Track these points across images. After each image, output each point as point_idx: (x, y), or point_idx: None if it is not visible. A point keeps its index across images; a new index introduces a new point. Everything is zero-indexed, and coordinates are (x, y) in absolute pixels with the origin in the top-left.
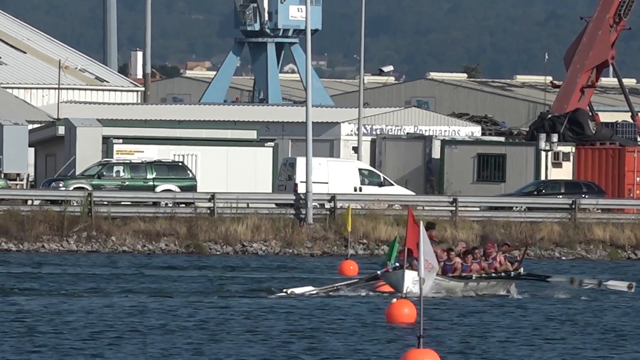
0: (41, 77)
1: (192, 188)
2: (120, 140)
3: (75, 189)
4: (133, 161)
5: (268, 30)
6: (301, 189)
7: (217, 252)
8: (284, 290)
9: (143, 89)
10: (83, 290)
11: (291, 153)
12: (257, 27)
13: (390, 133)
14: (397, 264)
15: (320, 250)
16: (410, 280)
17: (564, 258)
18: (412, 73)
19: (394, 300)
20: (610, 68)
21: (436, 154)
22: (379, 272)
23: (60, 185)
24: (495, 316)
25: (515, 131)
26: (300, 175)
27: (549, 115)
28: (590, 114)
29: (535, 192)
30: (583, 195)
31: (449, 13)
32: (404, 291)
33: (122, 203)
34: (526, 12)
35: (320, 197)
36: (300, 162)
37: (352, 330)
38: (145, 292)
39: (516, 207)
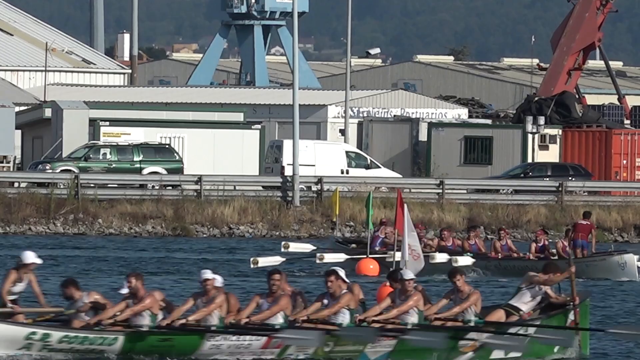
0: (28, 59)
1: (179, 170)
2: (107, 123)
3: (62, 171)
4: (120, 143)
5: (255, 13)
6: (288, 171)
7: (204, 235)
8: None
9: (130, 71)
10: None
11: (278, 135)
12: (243, 9)
13: (377, 116)
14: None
15: (307, 233)
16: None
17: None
18: (399, 55)
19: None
20: (597, 50)
21: (423, 136)
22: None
23: (47, 167)
24: None
25: (502, 114)
26: (287, 158)
27: (536, 98)
28: (577, 96)
29: (522, 175)
30: (570, 178)
31: None
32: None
33: (109, 185)
34: None
35: (307, 180)
36: (287, 144)
37: None
38: None
39: (503, 189)
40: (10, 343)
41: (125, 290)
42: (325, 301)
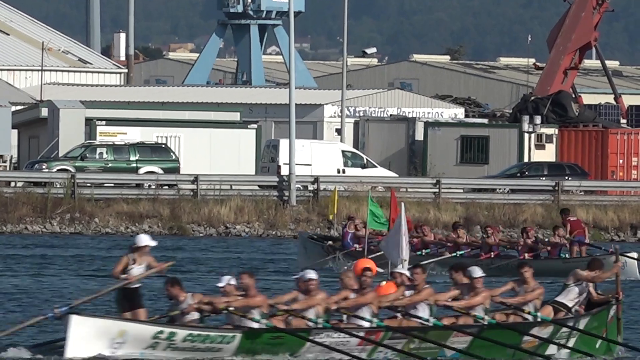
0: (24, 58)
1: (175, 170)
2: (104, 122)
3: (59, 170)
4: (116, 143)
5: (251, 12)
6: (284, 170)
7: (201, 234)
8: None
9: (126, 70)
10: None
11: (274, 135)
12: (240, 8)
13: (373, 115)
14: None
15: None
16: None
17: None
18: (396, 55)
19: (383, 282)
20: (594, 50)
21: (419, 136)
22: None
23: (44, 167)
24: None
25: (499, 113)
26: (283, 157)
27: (532, 97)
28: (574, 96)
29: (519, 174)
30: (566, 177)
31: None
32: None
33: (105, 185)
34: None
35: (304, 179)
36: (284, 144)
37: None
38: None
39: (499, 189)
40: (139, 342)
41: (222, 284)
42: (408, 292)
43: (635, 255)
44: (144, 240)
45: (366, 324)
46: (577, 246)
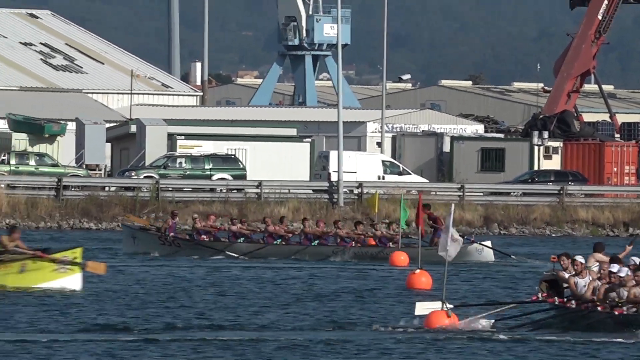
0: (116, 84)
1: (243, 177)
2: (183, 137)
3: (145, 177)
4: (193, 154)
5: (306, 45)
6: (334, 177)
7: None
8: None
9: (201, 93)
10: None
11: (325, 147)
12: (296, 42)
13: (408, 131)
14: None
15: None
16: None
17: (553, 235)
18: (427, 80)
19: (417, 270)
20: (592, 76)
21: (446, 148)
22: None
23: (133, 174)
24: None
25: (513, 129)
26: (333, 166)
27: (541, 116)
28: (576, 114)
29: (530, 180)
30: (569, 183)
31: (458, 31)
32: None
33: (184, 189)
34: (522, 30)
35: (350, 184)
36: (333, 155)
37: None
38: None
39: (513, 192)
40: None
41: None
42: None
43: (489, 243)
44: None
45: None
46: (437, 237)
